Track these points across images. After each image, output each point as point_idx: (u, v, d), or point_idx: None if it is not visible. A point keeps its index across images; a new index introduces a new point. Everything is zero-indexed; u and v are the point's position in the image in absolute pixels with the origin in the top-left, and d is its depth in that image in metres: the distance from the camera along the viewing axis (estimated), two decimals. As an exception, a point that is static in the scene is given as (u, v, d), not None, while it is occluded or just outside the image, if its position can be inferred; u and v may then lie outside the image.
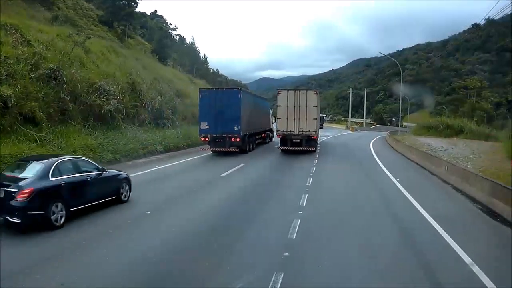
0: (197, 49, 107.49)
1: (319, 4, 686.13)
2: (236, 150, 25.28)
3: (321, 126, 32.85)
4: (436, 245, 8.43)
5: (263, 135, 33.01)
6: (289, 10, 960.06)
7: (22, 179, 9.14)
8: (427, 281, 6.62)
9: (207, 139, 25.08)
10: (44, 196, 9.09)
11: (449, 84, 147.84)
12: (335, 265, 7.31)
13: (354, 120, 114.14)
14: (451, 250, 8.12)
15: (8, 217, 8.65)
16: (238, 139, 24.53)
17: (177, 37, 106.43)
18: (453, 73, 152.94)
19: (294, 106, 24.75)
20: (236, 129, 24.32)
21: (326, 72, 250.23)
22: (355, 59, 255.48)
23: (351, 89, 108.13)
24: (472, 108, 58.50)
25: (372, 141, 40.39)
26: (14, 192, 8.69)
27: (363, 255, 7.86)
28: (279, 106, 25.32)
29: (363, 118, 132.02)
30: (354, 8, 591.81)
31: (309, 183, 15.30)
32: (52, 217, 9.12)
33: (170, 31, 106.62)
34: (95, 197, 10.80)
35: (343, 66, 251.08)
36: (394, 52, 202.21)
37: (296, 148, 25.18)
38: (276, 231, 9.22)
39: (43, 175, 9.32)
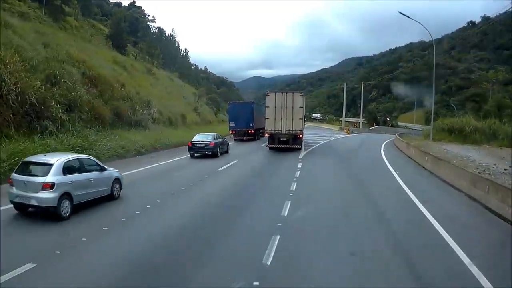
0: (178, 42, 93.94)
1: (311, 2, 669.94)
2: (251, 138, 35.34)
3: None
4: None
5: (264, 130, 37.37)
6: (281, 8, 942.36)
7: (209, 139, 23.10)
8: None
9: (234, 132, 35.92)
10: (216, 145, 22.84)
11: (445, 82, 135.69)
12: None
13: (348, 119, 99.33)
14: None
15: (205, 152, 22.21)
16: (252, 131, 35.42)
17: (156, 30, 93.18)
18: (449, 71, 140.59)
19: (282, 107, 25.41)
20: (251, 125, 35.08)
21: (317, 71, 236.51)
22: (347, 58, 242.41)
23: (345, 83, 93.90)
24: (499, 105, 45.16)
25: (383, 152, 26.62)
26: (209, 144, 22.41)
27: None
28: (267, 107, 25.99)
29: (355, 117, 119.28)
30: (345, 7, 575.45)
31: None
32: (218, 153, 22.90)
33: (148, 22, 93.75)
34: (221, 150, 23.93)
35: (334, 65, 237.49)
36: (387, 50, 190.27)
37: (283, 146, 25.83)
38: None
39: (214, 139, 23.30)
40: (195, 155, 22.42)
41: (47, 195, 9.14)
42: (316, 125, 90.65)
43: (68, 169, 9.88)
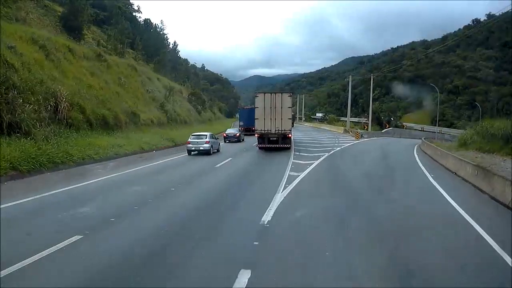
0: (166, 35, 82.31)
1: (312, 2, 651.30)
2: (253, 134, 34.78)
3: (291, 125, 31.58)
4: None
5: None
6: (282, 8, 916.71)
7: (236, 132, 35.79)
8: None
9: (242, 129, 40.22)
10: (239, 135, 34.70)
11: (451, 81, 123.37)
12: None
13: (353, 119, 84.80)
14: None
15: (234, 139, 33.68)
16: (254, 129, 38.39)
17: (142, 21, 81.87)
18: (455, 70, 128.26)
19: (271, 108, 24.38)
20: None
21: (317, 70, 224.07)
22: (348, 57, 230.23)
23: (350, 76, 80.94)
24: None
25: (438, 184, 13.16)
26: (236, 135, 34.34)
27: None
28: (256, 107, 24.93)
29: (357, 117, 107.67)
30: (346, 6, 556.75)
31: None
32: (241, 140, 34.31)
33: (135, 13, 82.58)
34: (241, 138, 35.17)
35: (335, 64, 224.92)
36: (388, 49, 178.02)
37: (272, 146, 24.57)
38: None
39: (238, 132, 35.67)
40: (227, 141, 32.39)
41: (207, 146, 21.79)
42: (316, 126, 77.52)
43: (210, 136, 22.83)
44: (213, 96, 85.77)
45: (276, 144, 24.32)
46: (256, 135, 25.28)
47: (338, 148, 27.78)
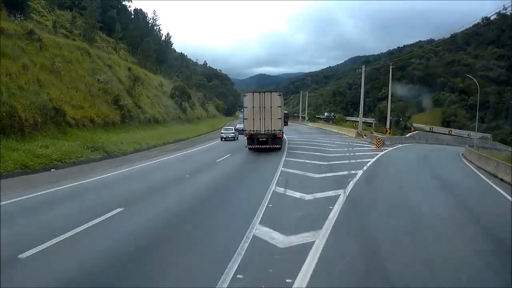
0: (159, 27, 73.16)
1: (318, 1, 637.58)
2: None
3: (285, 123, 29.82)
4: None
5: None
6: (288, 7, 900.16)
7: (242, 128, 27.32)
8: None
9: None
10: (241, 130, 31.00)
11: (462, 80, 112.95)
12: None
13: (364, 120, 71.35)
14: None
15: (239, 132, 32.70)
16: None
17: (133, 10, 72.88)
18: (466, 68, 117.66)
19: (260, 107, 23.08)
20: None
21: (323, 69, 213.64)
22: (353, 56, 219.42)
23: (363, 66, 69.87)
24: None
25: None
26: (241, 130, 30.09)
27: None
28: (245, 107, 23.97)
29: (363, 116, 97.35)
30: (353, 5, 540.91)
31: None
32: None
33: (125, 2, 73.66)
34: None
35: (340, 63, 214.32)
36: (395, 48, 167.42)
37: (263, 146, 23.07)
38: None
39: (241, 129, 28.25)
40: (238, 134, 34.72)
41: (233, 134, 33.69)
42: (321, 127, 66.63)
43: (233, 129, 35.21)
44: (209, 92, 76.26)
45: (266, 144, 22.96)
46: (245, 135, 23.72)
47: (359, 173, 14.58)
